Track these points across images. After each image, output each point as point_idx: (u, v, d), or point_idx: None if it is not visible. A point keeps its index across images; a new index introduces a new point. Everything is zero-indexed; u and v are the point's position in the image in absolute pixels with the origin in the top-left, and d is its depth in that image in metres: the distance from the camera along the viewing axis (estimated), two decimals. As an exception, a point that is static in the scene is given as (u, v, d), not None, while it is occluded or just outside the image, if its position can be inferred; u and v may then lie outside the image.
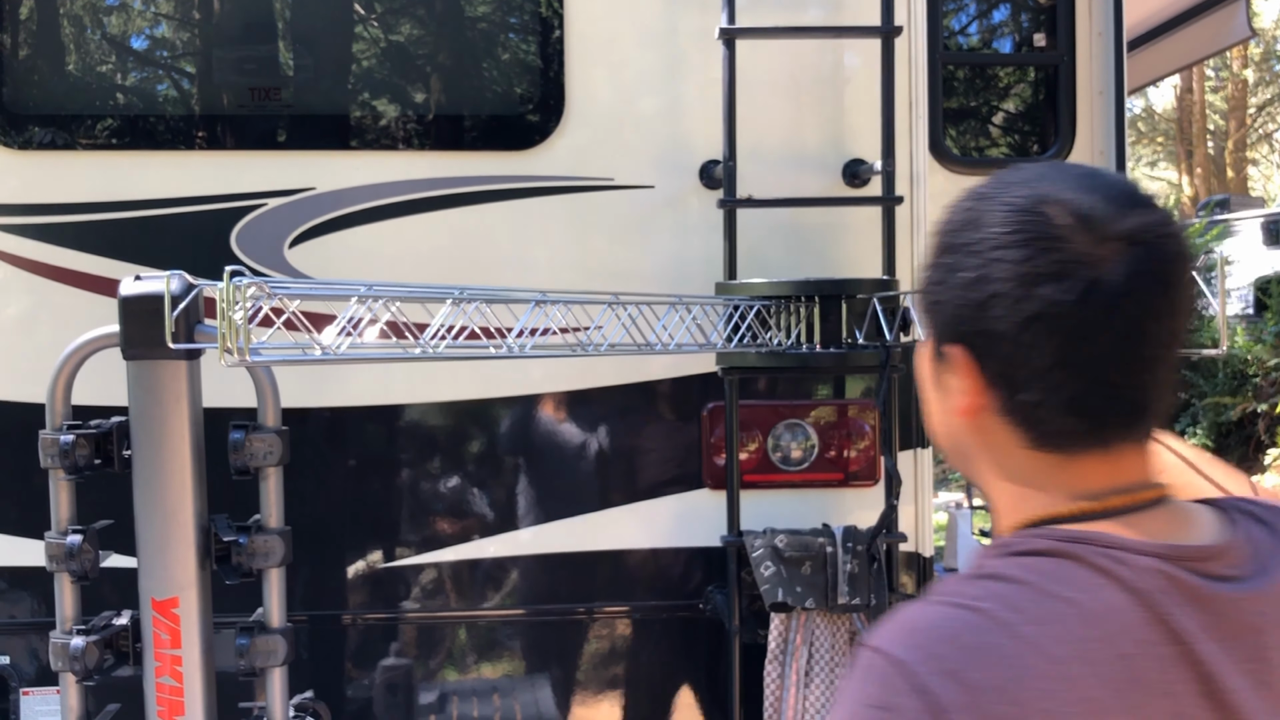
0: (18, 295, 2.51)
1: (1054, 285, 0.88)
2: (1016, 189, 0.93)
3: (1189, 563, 0.90)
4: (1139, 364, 0.90)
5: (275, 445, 1.90)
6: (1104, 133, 2.88)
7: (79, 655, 1.86)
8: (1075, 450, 0.93)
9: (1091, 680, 0.84)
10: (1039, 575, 0.89)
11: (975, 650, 0.85)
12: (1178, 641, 0.87)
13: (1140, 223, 0.90)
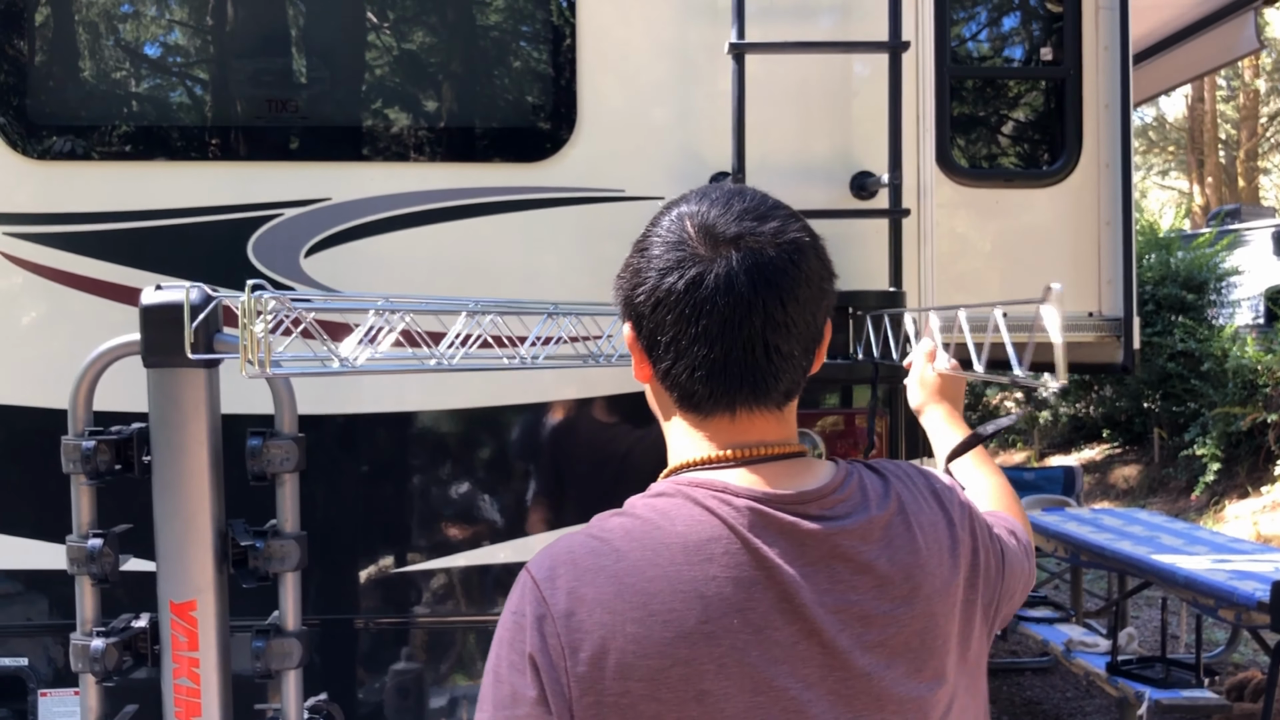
0: (38, 302, 2.55)
1: (672, 276, 1.13)
2: (680, 204, 1.20)
3: (785, 504, 1.12)
4: (743, 344, 1.12)
5: (292, 452, 1.94)
6: (1110, 144, 2.92)
7: (99, 656, 1.90)
8: (708, 413, 1.17)
9: (672, 598, 1.05)
10: (656, 513, 1.12)
11: (588, 570, 1.08)
12: (762, 566, 1.08)
13: (748, 231, 1.13)
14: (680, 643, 1.04)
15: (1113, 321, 2.99)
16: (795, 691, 1.07)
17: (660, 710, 1.03)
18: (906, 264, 2.64)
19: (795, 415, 1.22)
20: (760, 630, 1.06)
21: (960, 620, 1.19)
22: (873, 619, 1.11)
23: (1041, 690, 6.18)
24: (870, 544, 1.13)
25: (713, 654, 1.04)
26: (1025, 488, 7.50)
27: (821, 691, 1.08)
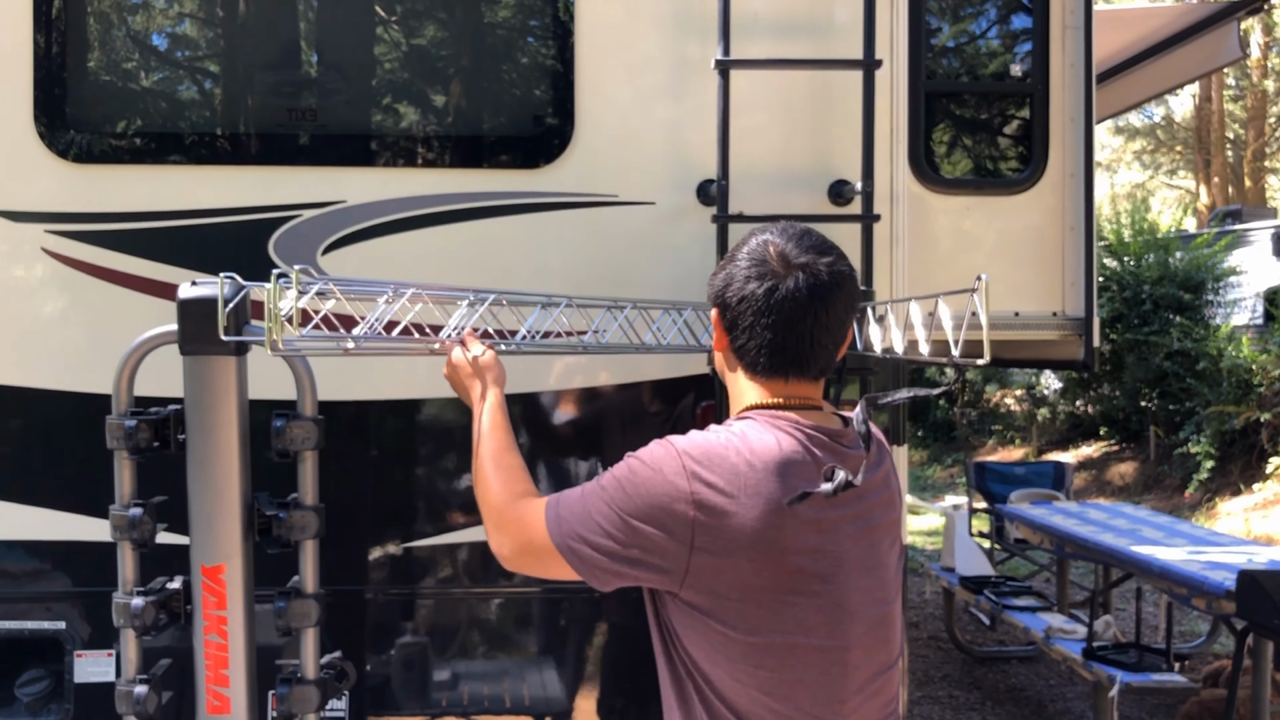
0: (78, 296, 2.77)
1: (755, 284, 1.68)
2: (763, 233, 1.74)
3: (823, 432, 1.67)
4: (800, 337, 1.67)
5: (312, 432, 2.15)
6: (1075, 155, 3.12)
7: (139, 613, 2.12)
8: (768, 377, 1.71)
9: (765, 474, 1.59)
10: (745, 427, 1.67)
11: (710, 452, 1.63)
12: (815, 459, 1.63)
13: (811, 260, 1.68)
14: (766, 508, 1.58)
15: (1075, 320, 3.19)
16: (837, 540, 1.63)
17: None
18: (880, 265, 2.85)
19: (824, 387, 1.75)
20: (816, 511, 1.59)
21: (898, 524, 1.81)
22: (873, 511, 1.69)
23: (1026, 678, 6.39)
24: (869, 467, 1.66)
25: (794, 524, 1.58)
26: (1016, 482, 7.69)
27: (855, 545, 1.65)
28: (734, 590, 1.59)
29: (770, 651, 1.60)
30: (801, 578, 1.59)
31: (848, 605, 1.62)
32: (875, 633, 1.67)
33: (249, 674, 2.14)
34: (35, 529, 2.78)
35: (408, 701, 2.91)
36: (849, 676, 1.64)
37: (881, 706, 1.71)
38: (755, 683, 1.60)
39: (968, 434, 15.52)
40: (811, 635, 1.60)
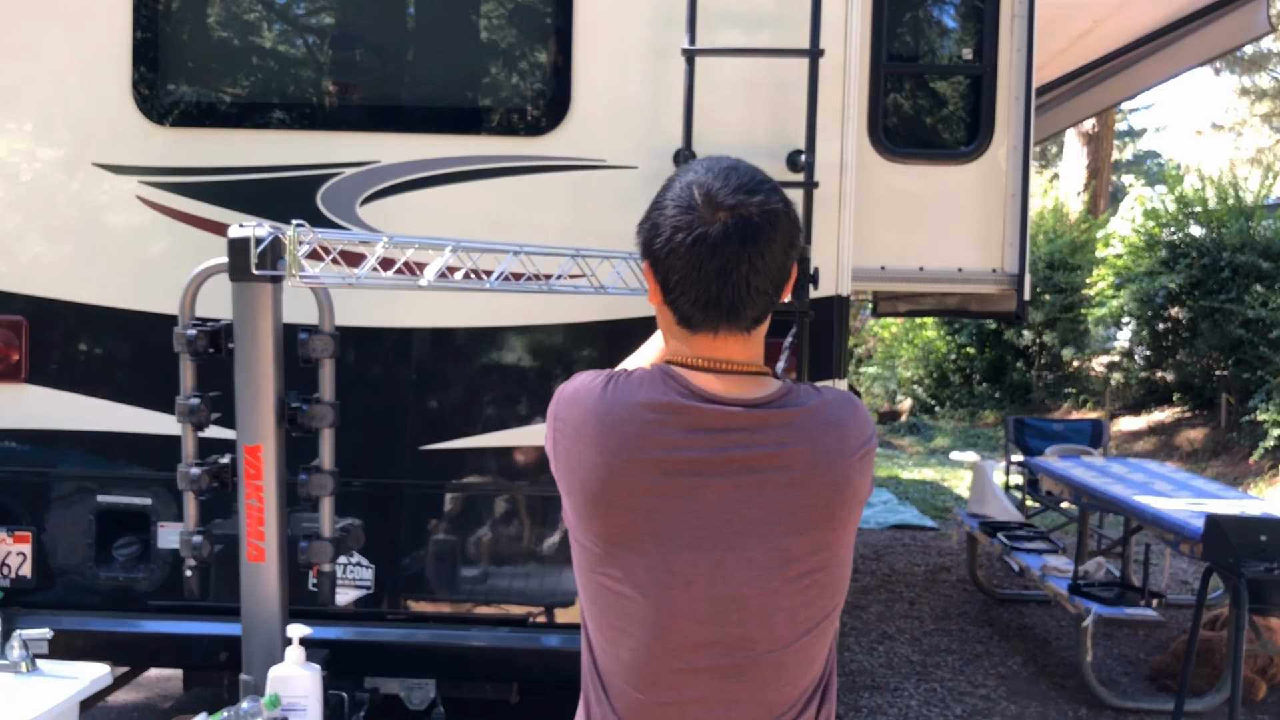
0: (163, 236, 3.41)
1: (682, 234, 1.50)
2: (685, 174, 1.56)
3: (707, 398, 1.51)
4: (731, 286, 1.50)
5: (329, 344, 2.75)
6: (1016, 130, 3.53)
7: (196, 480, 2.75)
8: (697, 330, 1.55)
9: (606, 426, 1.51)
10: (637, 377, 1.55)
11: (579, 394, 1.56)
12: (667, 417, 1.50)
13: (741, 201, 1.49)
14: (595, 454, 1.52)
15: (1011, 276, 3.62)
16: (678, 505, 1.50)
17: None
18: (829, 225, 3.32)
19: (762, 338, 1.59)
20: (665, 465, 1.50)
21: (828, 516, 1.54)
22: (762, 488, 1.50)
23: (1038, 618, 6.78)
24: (754, 434, 1.51)
25: (629, 481, 1.50)
26: (1054, 438, 8.01)
27: (716, 516, 1.50)
28: (577, 526, 1.57)
29: (601, 592, 1.55)
30: (634, 533, 1.51)
31: (680, 572, 1.50)
32: (721, 611, 1.50)
33: (280, 531, 2.75)
34: (130, 423, 3.44)
35: (431, 583, 3.51)
36: (676, 646, 1.51)
37: (727, 702, 1.53)
38: (591, 615, 1.59)
39: (1044, 396, 15.66)
40: (638, 590, 1.51)
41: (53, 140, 3.43)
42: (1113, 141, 22.68)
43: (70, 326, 3.45)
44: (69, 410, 3.44)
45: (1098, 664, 5.83)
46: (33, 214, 3.44)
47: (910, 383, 17.63)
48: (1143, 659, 5.96)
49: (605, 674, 1.58)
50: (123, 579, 3.46)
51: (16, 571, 3.44)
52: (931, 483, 12.11)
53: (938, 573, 7.90)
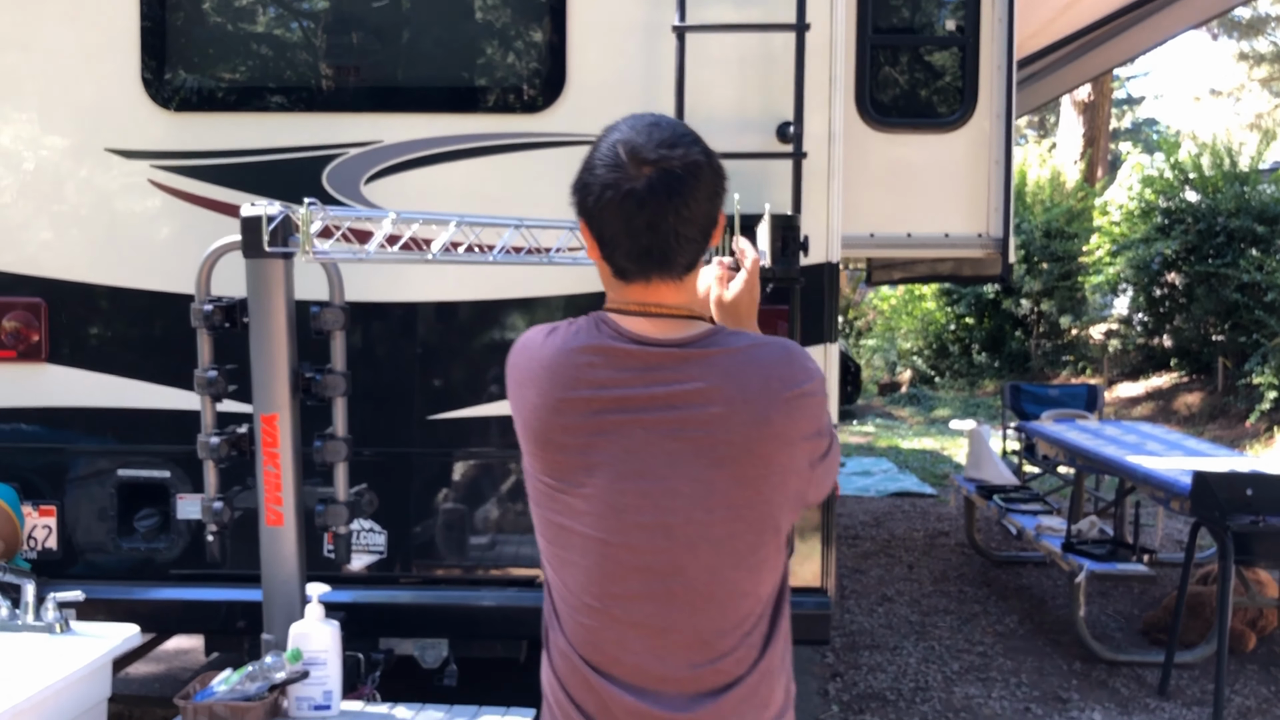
0: (173, 216, 3.52)
1: (611, 190, 1.60)
2: (612, 132, 1.66)
3: (635, 339, 1.63)
4: (661, 237, 1.60)
5: (340, 316, 2.87)
6: (999, 98, 3.64)
7: (215, 448, 2.88)
8: (631, 280, 1.65)
9: (545, 362, 1.65)
10: (573, 326, 1.68)
11: (523, 344, 1.71)
12: (598, 360, 1.62)
13: (663, 155, 1.59)
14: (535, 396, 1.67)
15: (996, 240, 3.73)
16: (613, 440, 1.62)
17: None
18: (818, 194, 3.43)
19: (695, 282, 1.71)
20: (596, 401, 1.63)
21: (758, 455, 1.62)
22: (685, 424, 1.60)
23: (1034, 579, 6.93)
24: (694, 379, 1.60)
25: (561, 420, 1.64)
26: (1049, 403, 8.13)
27: (645, 450, 1.61)
28: (529, 464, 1.72)
29: (548, 525, 1.70)
30: (570, 468, 1.64)
31: (613, 503, 1.62)
32: (651, 539, 1.62)
33: (297, 496, 2.88)
34: (147, 399, 3.56)
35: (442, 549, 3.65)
36: (612, 572, 1.64)
37: (661, 628, 1.64)
38: (542, 547, 1.73)
39: (1042, 364, 15.79)
40: (579, 522, 1.64)
41: (65, 127, 3.54)
42: (1109, 109, 22.71)
43: (87, 307, 3.57)
44: (88, 388, 3.57)
45: (1093, 620, 5.97)
46: (49, 199, 3.56)
47: (910, 354, 17.75)
48: (1136, 615, 6.11)
49: (559, 603, 1.71)
50: (144, 549, 3.59)
51: (43, 544, 3.58)
52: (931, 451, 12.25)
53: (936, 537, 8.05)
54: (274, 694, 2.64)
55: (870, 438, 13.36)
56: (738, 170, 3.45)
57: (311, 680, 2.69)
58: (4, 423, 3.58)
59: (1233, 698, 4.95)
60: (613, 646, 1.66)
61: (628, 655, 1.65)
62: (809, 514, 3.52)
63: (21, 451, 3.58)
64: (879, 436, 13.46)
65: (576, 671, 1.68)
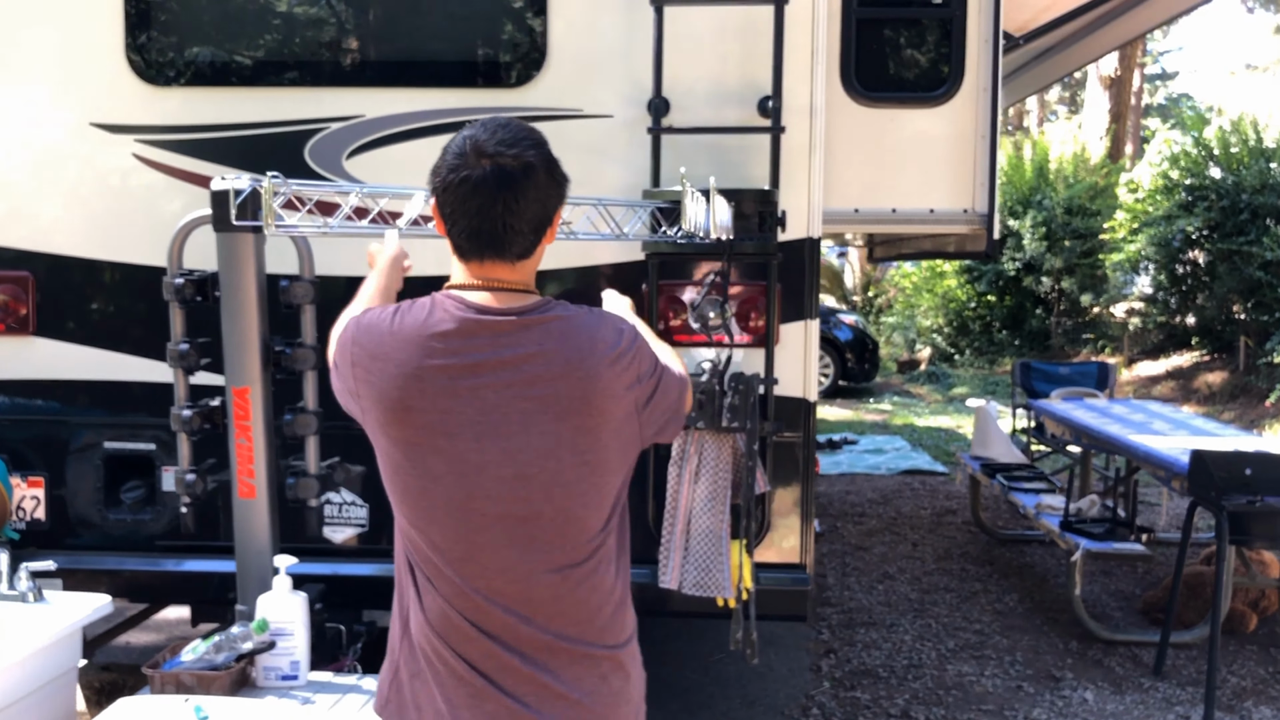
0: (159, 192, 3.54)
1: (454, 175, 1.79)
2: (467, 130, 1.83)
3: (477, 306, 1.79)
4: (489, 222, 1.78)
5: (309, 290, 2.88)
6: (985, 72, 3.59)
7: (188, 421, 2.91)
8: (467, 259, 1.83)
9: (400, 339, 1.79)
10: (420, 302, 1.84)
11: (370, 324, 1.86)
12: (452, 333, 1.77)
13: (500, 152, 1.77)
14: (392, 368, 1.81)
15: (981, 216, 3.70)
16: (469, 404, 1.78)
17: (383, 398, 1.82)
18: (799, 169, 3.41)
19: (532, 268, 1.87)
20: (446, 375, 1.78)
21: (592, 407, 1.82)
22: (532, 384, 1.79)
23: (1038, 557, 6.90)
24: (534, 343, 1.80)
25: (414, 378, 1.79)
26: (1060, 381, 8.05)
27: (496, 410, 1.78)
28: (380, 436, 1.84)
29: (409, 490, 1.83)
30: (429, 433, 1.78)
31: (474, 460, 1.77)
32: (510, 489, 1.79)
33: (269, 468, 2.90)
34: (133, 372, 3.60)
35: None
36: (477, 524, 1.80)
37: (525, 571, 1.82)
38: (403, 513, 1.87)
39: (1063, 343, 15.66)
40: (439, 482, 1.79)
41: (52, 103, 3.57)
42: (1136, 85, 22.40)
43: (74, 280, 3.60)
44: (75, 360, 3.61)
45: (1094, 600, 5.95)
46: (35, 174, 3.59)
47: (930, 331, 17.65)
48: (1138, 594, 6.08)
49: (426, 566, 1.85)
50: (130, 520, 3.64)
51: (31, 515, 3.63)
52: (947, 430, 12.21)
53: (943, 515, 8.02)
54: (241, 663, 2.68)
55: (886, 415, 13.32)
56: (718, 144, 3.46)
57: (278, 650, 2.72)
58: (-8, 395, 3.63)
59: (1229, 678, 4.92)
60: (482, 594, 1.81)
61: (496, 599, 1.82)
62: (787, 491, 3.52)
63: (10, 424, 3.63)
64: (895, 414, 13.41)
65: (456, 627, 1.83)
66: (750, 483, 3.28)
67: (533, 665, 1.83)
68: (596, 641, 1.89)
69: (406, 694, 1.90)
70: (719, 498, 3.29)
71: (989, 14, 3.55)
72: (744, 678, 4.87)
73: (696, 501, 3.27)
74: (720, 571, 3.29)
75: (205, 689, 2.63)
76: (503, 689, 1.82)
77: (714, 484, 3.27)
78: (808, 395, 3.50)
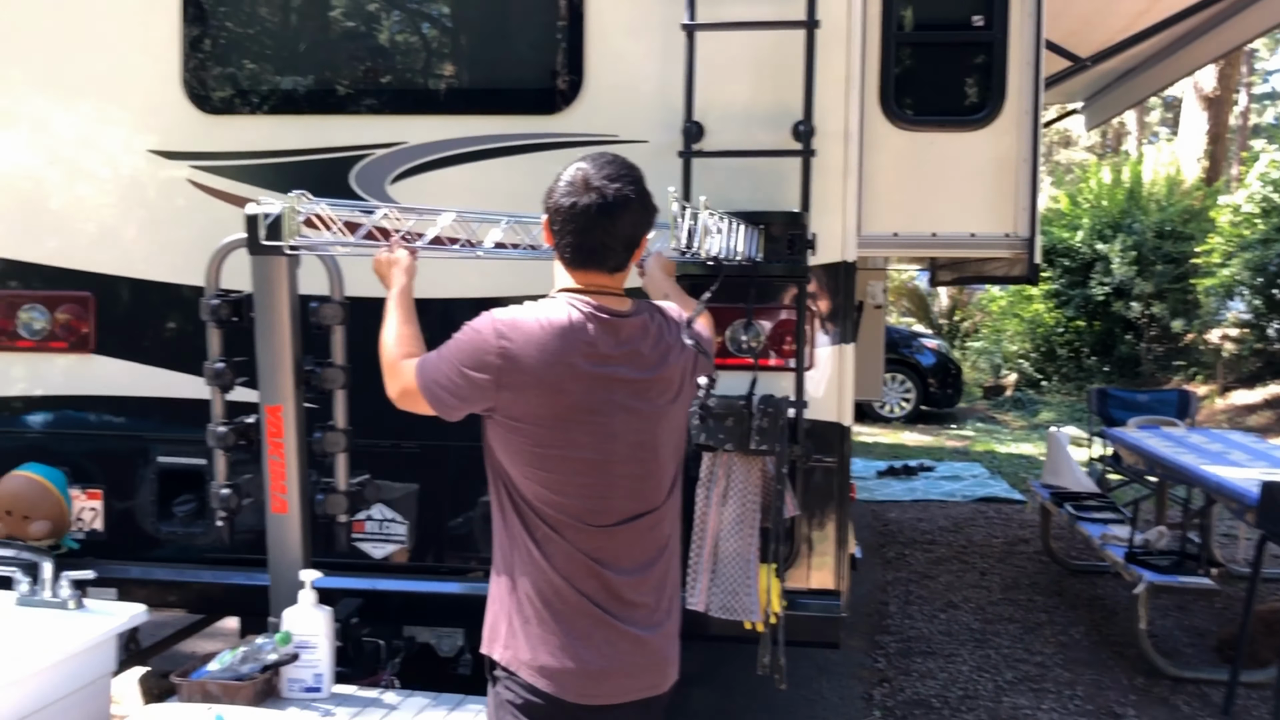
0: (211, 216, 3.67)
1: (563, 200, 2.22)
2: (580, 163, 2.26)
3: (605, 310, 2.21)
4: (594, 240, 2.21)
5: (339, 312, 2.96)
6: (1027, 95, 3.54)
7: (223, 437, 3.00)
8: (574, 269, 2.26)
9: (551, 334, 2.16)
10: (548, 303, 2.24)
11: (515, 319, 2.20)
12: (590, 329, 2.19)
13: (604, 184, 2.19)
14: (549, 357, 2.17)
15: (1023, 240, 3.63)
16: (606, 386, 2.19)
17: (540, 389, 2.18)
18: (832, 192, 3.40)
19: (625, 276, 2.28)
20: (591, 357, 2.18)
21: (677, 384, 2.32)
22: (647, 367, 2.24)
23: (1109, 589, 6.70)
24: (643, 338, 2.25)
25: (566, 366, 2.16)
26: (1139, 409, 7.84)
27: (625, 388, 2.21)
28: (527, 415, 2.18)
29: (549, 459, 2.19)
30: (576, 410, 2.17)
31: (611, 429, 2.20)
32: (635, 453, 2.24)
33: (302, 484, 2.98)
34: (186, 389, 3.72)
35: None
36: (611, 483, 2.22)
37: (638, 511, 2.26)
38: (539, 479, 2.20)
39: (1153, 369, 15.22)
40: (581, 450, 2.19)
41: (111, 130, 3.73)
42: (1242, 104, 21.73)
43: (132, 301, 3.75)
44: (132, 377, 3.75)
45: (1166, 635, 5.77)
46: (96, 199, 3.75)
47: (1016, 356, 17.29)
48: (1214, 631, 5.87)
49: (556, 524, 2.21)
50: (182, 533, 3.76)
51: (90, 525, 3.78)
52: (1029, 457, 11.93)
53: (1015, 545, 7.85)
54: (265, 675, 2.75)
55: (967, 442, 13.08)
56: (752, 168, 3.47)
57: (302, 663, 2.79)
58: (55, 410, 3.79)
59: (1301, 720, 4.72)
60: (606, 538, 2.22)
61: (616, 545, 2.24)
62: (822, 517, 3.49)
63: (70, 437, 3.78)
64: (976, 441, 13.16)
65: (581, 565, 2.21)
66: (779, 506, 3.26)
67: (635, 591, 2.25)
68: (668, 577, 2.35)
69: (521, 639, 2.23)
70: (747, 520, 3.28)
71: (1030, 36, 3.50)
72: (793, 705, 4.82)
73: (724, 524, 3.27)
74: (748, 595, 3.27)
75: (230, 698, 2.70)
76: (613, 614, 2.23)
77: (742, 506, 3.26)
78: (842, 419, 3.47)
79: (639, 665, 2.27)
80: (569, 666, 2.19)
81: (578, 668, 2.20)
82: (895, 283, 19.66)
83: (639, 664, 2.27)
